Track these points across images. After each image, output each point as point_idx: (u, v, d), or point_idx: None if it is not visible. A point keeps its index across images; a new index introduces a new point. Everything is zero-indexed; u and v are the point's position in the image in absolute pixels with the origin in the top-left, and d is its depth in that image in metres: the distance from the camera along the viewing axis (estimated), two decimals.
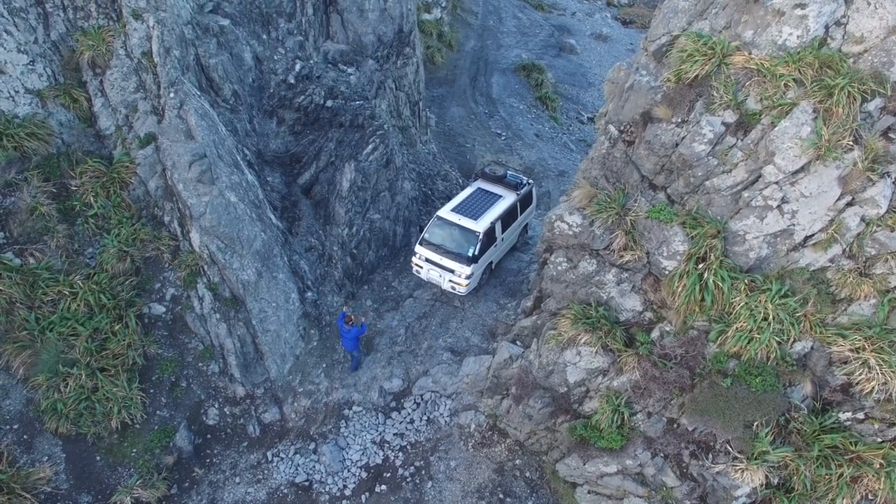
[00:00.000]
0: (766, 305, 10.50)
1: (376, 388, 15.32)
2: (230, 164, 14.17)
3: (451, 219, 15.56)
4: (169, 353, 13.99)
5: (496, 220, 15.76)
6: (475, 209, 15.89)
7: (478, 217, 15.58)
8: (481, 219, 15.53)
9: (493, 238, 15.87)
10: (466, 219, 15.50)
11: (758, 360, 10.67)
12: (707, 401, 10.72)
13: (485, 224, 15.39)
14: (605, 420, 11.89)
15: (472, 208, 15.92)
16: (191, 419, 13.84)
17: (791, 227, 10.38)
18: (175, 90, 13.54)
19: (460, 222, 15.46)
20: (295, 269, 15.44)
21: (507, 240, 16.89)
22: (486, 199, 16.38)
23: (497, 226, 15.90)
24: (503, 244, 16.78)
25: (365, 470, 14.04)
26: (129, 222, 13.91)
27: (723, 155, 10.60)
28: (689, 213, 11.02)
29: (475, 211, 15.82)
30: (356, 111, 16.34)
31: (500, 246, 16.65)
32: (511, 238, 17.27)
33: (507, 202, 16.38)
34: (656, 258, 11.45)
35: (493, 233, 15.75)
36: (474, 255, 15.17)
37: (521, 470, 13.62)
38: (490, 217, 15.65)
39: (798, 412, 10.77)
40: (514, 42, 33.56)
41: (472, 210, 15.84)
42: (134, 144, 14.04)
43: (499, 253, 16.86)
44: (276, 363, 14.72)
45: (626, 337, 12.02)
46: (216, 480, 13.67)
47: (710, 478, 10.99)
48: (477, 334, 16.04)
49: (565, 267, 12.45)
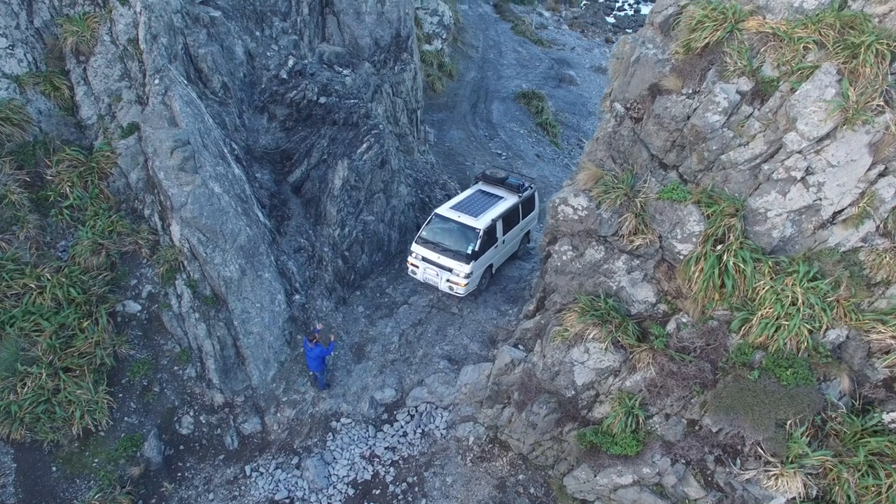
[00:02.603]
0: (793, 289, 9.52)
1: (367, 398, 14.13)
2: (216, 154, 13.47)
3: (451, 216, 14.91)
4: (142, 355, 12.88)
5: (497, 218, 15.07)
6: (476, 207, 15.27)
7: (478, 214, 14.93)
8: (482, 216, 14.88)
9: (493, 238, 15.13)
10: (466, 216, 14.85)
11: (787, 352, 9.61)
12: (732, 396, 9.58)
13: (486, 221, 14.70)
14: (617, 424, 10.70)
15: (473, 207, 15.31)
16: (162, 427, 12.62)
17: (817, 201, 9.51)
18: (160, 76, 12.97)
19: (460, 219, 14.79)
20: (282, 270, 14.50)
21: (508, 242, 16.13)
22: (486, 200, 15.75)
23: (498, 225, 15.19)
24: (504, 247, 16.01)
25: (352, 486, 12.72)
26: (106, 214, 13.08)
27: (739, 126, 9.84)
28: (705, 192, 10.18)
29: (476, 209, 15.18)
30: (350, 109, 15.76)
31: (501, 248, 15.87)
32: (513, 242, 16.50)
33: (509, 203, 15.71)
34: (669, 242, 10.54)
35: (493, 232, 15.04)
36: (474, 251, 14.41)
37: (525, 486, 12.29)
38: (491, 215, 14.96)
39: (836, 411, 9.62)
40: (514, 73, 33.68)
41: (472, 208, 15.22)
42: (116, 134, 13.37)
43: (500, 256, 16.05)
44: (258, 369, 13.59)
45: (638, 331, 10.98)
46: (187, 497, 12.33)
47: (740, 487, 9.72)
48: (476, 341, 14.93)
49: (571, 256, 11.52)
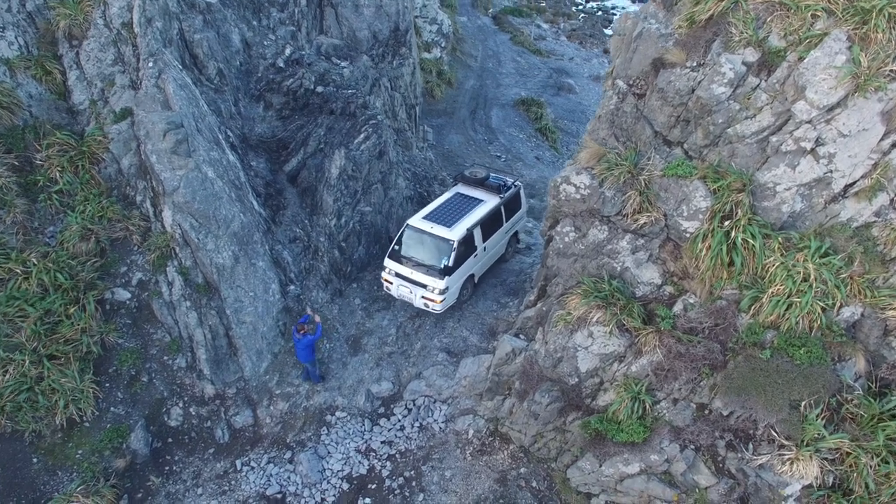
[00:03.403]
0: (805, 265, 9.17)
1: (363, 391, 13.67)
2: (210, 140, 13.19)
3: (423, 227, 13.81)
4: (130, 344, 12.48)
5: (474, 226, 14.01)
6: (450, 216, 14.13)
7: (452, 224, 13.81)
8: (456, 226, 13.78)
9: (471, 247, 14.12)
10: (439, 226, 13.73)
11: (800, 331, 9.22)
12: (744, 377, 9.16)
13: (460, 231, 13.63)
14: (623, 410, 10.27)
15: (447, 215, 14.16)
16: (150, 418, 12.16)
17: (828, 174, 9.19)
18: (154, 60, 12.75)
19: (432, 231, 13.68)
20: (277, 260, 14.14)
21: (490, 249, 15.03)
22: (463, 205, 14.59)
23: (476, 233, 14.13)
24: (486, 254, 14.90)
25: (347, 481, 12.22)
26: (96, 199, 12.76)
27: (745, 99, 9.56)
28: (711, 167, 9.88)
29: (450, 217, 14.05)
30: (348, 99, 15.54)
31: (483, 256, 14.80)
32: (497, 247, 15.41)
33: (488, 206, 14.56)
34: (675, 220, 10.20)
35: (471, 241, 14.02)
36: (447, 266, 13.40)
37: (527, 479, 11.80)
38: (466, 223, 13.89)
39: (851, 393, 9.20)
40: (513, 82, 33.75)
41: (446, 217, 14.08)
42: (108, 119, 13.12)
43: (481, 264, 14.98)
44: (251, 360, 13.17)
45: (644, 313, 10.59)
46: (175, 491, 11.83)
47: (752, 473, 9.25)
48: (476, 334, 14.52)
49: (573, 237, 11.17)
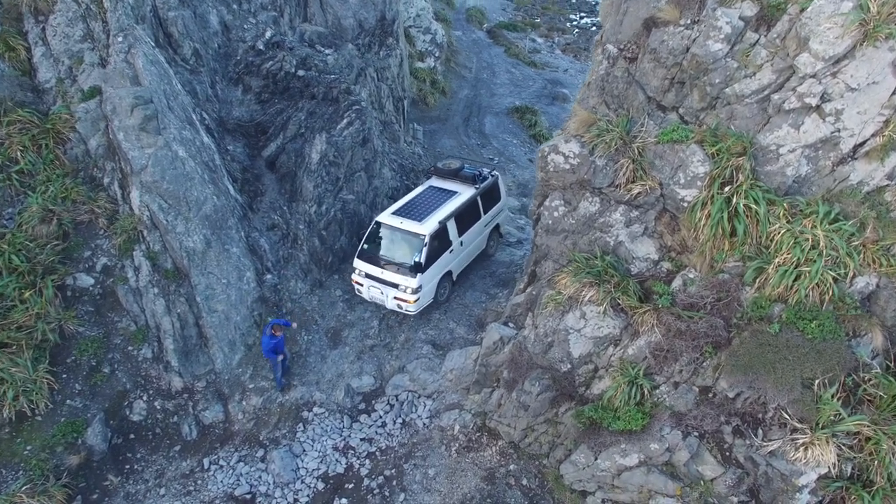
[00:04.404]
0: (813, 231, 8.45)
1: (342, 386, 12.82)
2: (182, 119, 12.55)
3: (392, 223, 13.11)
4: (92, 332, 11.66)
5: (447, 219, 13.21)
6: (421, 209, 13.40)
7: (423, 218, 13.08)
8: (428, 219, 13.03)
9: (446, 242, 13.32)
10: (410, 221, 13.01)
11: (810, 303, 8.46)
12: (751, 353, 8.37)
13: (432, 225, 12.87)
14: (619, 396, 9.44)
15: (419, 209, 13.43)
16: (110, 412, 11.28)
17: (835, 133, 8.52)
18: (124, 35, 12.17)
19: (402, 226, 12.95)
20: (253, 248, 13.39)
21: (468, 243, 14.16)
22: (437, 198, 13.83)
23: (450, 226, 13.35)
24: (464, 249, 14.04)
25: (322, 480, 11.30)
26: (59, 180, 12.06)
27: (744, 56, 8.94)
28: (709, 129, 9.22)
29: (421, 211, 13.32)
30: (330, 84, 14.95)
31: (460, 251, 13.96)
32: (476, 241, 14.52)
33: (463, 198, 13.76)
34: (671, 189, 9.51)
35: (444, 235, 13.21)
36: (418, 262, 12.64)
37: (517, 477, 10.89)
38: (439, 217, 13.12)
39: (869, 372, 8.41)
40: (507, 92, 33.48)
41: (418, 210, 13.35)
42: (76, 98, 12.48)
43: (459, 260, 14.09)
44: (222, 352, 12.34)
45: (640, 291, 9.83)
46: (135, 492, 10.91)
47: (763, 462, 8.40)
48: (463, 325, 13.72)
49: (563, 211, 10.45)
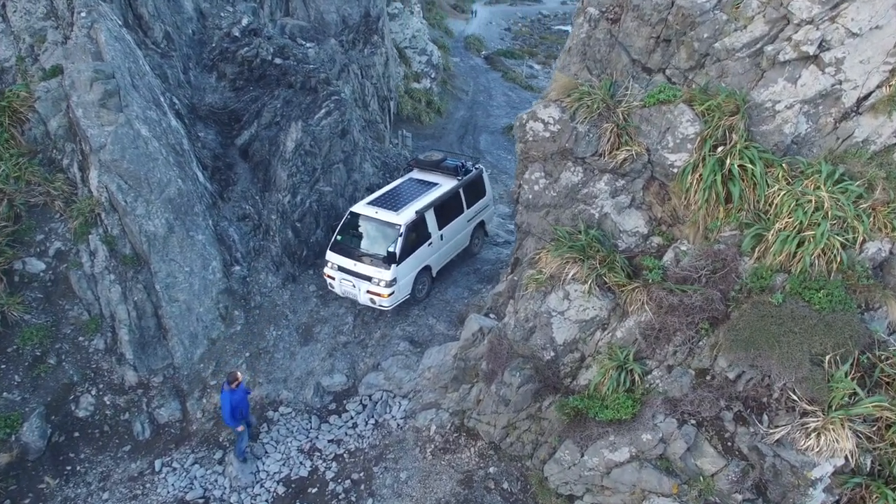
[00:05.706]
0: (817, 192, 7.65)
1: (312, 385, 11.87)
2: (148, 100, 11.96)
3: (366, 213, 12.48)
4: (39, 320, 10.80)
5: (425, 209, 12.51)
6: (399, 200, 12.81)
7: (400, 207, 12.46)
8: (405, 209, 12.40)
9: (424, 234, 12.61)
10: (385, 211, 12.37)
11: (816, 272, 7.59)
12: (752, 327, 7.45)
13: (409, 215, 12.20)
14: (607, 382, 8.50)
15: (396, 199, 12.84)
16: (52, 407, 10.33)
17: (836, 85, 7.81)
18: (88, 10, 11.69)
19: (377, 216, 12.32)
20: (222, 237, 12.62)
21: (450, 238, 13.38)
22: (416, 189, 13.21)
23: (428, 217, 12.64)
24: (444, 243, 13.26)
25: (283, 484, 10.25)
26: (12, 160, 11.39)
27: (733, 8, 8.31)
28: (699, 87, 8.51)
29: (399, 201, 12.73)
30: (309, 73, 14.42)
31: (441, 245, 13.19)
32: (459, 237, 13.73)
33: (443, 190, 13.10)
34: (660, 154, 8.75)
35: (422, 226, 12.53)
36: (392, 253, 11.90)
37: (497, 480, 9.82)
38: (416, 206, 12.45)
39: (886, 350, 7.47)
40: (503, 113, 33.48)
41: (395, 201, 12.76)
42: (37, 77, 11.94)
43: (440, 255, 13.31)
44: (182, 345, 11.44)
45: (629, 267, 8.98)
46: (75, 496, 9.86)
47: (770, 452, 7.39)
48: (443, 321, 12.81)
49: (544, 184, 9.67)
